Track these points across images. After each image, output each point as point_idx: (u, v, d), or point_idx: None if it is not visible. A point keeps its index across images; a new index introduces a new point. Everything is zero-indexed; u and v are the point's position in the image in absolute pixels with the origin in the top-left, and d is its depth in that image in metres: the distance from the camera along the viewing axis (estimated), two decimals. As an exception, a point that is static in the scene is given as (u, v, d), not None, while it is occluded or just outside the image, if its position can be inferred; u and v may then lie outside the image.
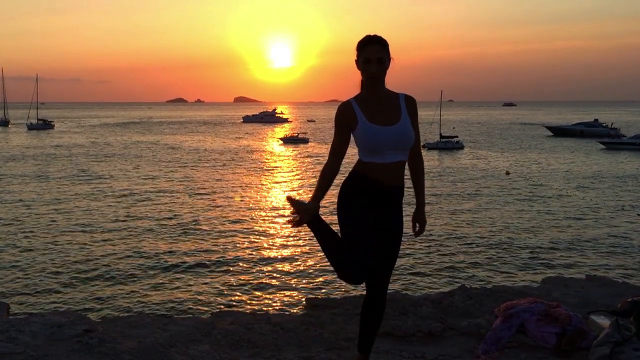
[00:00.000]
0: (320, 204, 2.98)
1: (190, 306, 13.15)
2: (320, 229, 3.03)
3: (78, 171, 36.92)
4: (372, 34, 2.95)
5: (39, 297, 13.81)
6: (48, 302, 13.44)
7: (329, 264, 3.08)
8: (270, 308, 12.88)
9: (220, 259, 17.01)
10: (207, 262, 16.62)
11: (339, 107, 2.98)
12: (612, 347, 3.37)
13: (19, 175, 34.84)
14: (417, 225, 3.21)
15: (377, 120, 2.90)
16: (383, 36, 2.95)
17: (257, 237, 20.03)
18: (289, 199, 3.03)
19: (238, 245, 18.78)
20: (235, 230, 20.74)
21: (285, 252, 18.02)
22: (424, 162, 3.18)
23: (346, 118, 2.94)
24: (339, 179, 3.04)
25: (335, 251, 2.98)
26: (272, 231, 21.00)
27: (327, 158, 3.02)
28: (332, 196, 3.02)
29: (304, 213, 2.94)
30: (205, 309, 12.55)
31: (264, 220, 22.89)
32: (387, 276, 3.12)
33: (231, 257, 17.23)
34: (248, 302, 13.53)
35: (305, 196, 28.08)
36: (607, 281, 5.49)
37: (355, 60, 2.96)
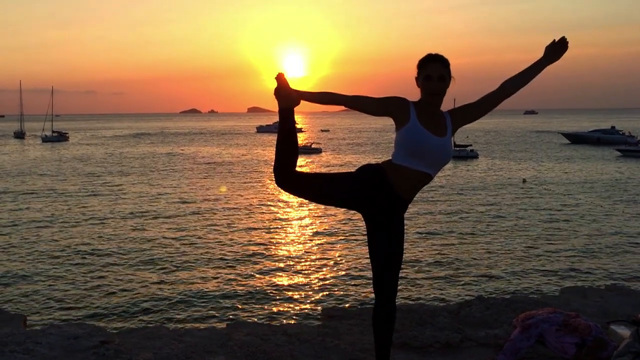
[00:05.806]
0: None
1: (206, 317, 13.16)
2: (286, 125, 3.02)
3: (93, 184, 37.15)
4: (433, 52, 2.95)
5: (55, 309, 13.88)
6: (65, 314, 13.51)
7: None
8: (286, 319, 12.85)
9: (236, 270, 17.02)
10: (222, 274, 16.65)
11: (395, 96, 2.98)
12: (632, 358, 3.32)
13: (34, 189, 35.13)
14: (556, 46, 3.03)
15: (428, 127, 2.91)
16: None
17: (273, 248, 20.04)
18: (280, 77, 2.96)
19: (253, 256, 18.78)
20: (250, 242, 20.76)
21: (301, 263, 18.00)
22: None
23: (400, 106, 2.94)
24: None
25: (285, 152, 3.02)
26: (287, 242, 21.00)
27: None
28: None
29: (280, 97, 2.97)
30: (221, 320, 12.56)
31: (279, 231, 22.90)
32: (393, 283, 3.08)
33: (246, 268, 17.25)
34: (264, 313, 13.51)
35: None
36: (627, 291, 5.44)
37: (416, 78, 2.96)
